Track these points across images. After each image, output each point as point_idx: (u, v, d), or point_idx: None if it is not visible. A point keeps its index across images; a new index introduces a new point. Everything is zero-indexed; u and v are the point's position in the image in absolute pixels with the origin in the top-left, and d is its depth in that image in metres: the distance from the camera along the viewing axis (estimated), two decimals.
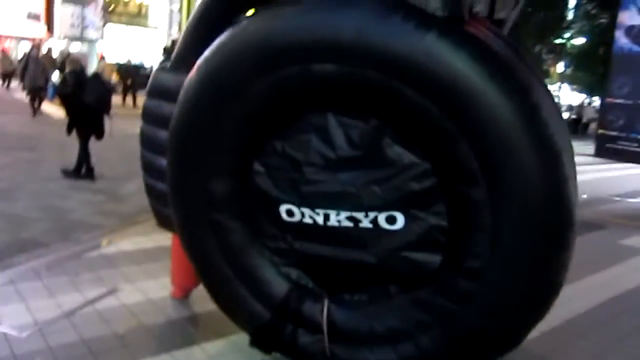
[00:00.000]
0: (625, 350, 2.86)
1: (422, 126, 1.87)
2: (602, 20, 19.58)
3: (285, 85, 2.00)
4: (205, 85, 2.14)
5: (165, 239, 4.07)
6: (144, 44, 28.03)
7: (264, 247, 2.32)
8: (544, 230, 1.81)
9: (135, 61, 18.69)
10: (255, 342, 2.33)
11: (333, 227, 2.12)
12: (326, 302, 2.25)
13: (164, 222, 2.76)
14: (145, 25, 29.91)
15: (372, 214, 2.05)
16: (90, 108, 5.72)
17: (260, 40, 2.00)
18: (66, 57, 9.99)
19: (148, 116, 2.63)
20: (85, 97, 5.65)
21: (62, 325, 2.63)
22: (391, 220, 2.04)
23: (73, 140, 5.98)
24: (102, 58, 18.99)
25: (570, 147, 1.92)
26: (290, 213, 2.18)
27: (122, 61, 16.86)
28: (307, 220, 2.15)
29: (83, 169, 5.98)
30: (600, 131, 12.92)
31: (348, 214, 2.07)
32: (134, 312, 2.82)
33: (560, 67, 25.26)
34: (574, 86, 26.21)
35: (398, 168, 1.98)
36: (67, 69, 5.77)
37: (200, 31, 2.38)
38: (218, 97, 2.11)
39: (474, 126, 1.76)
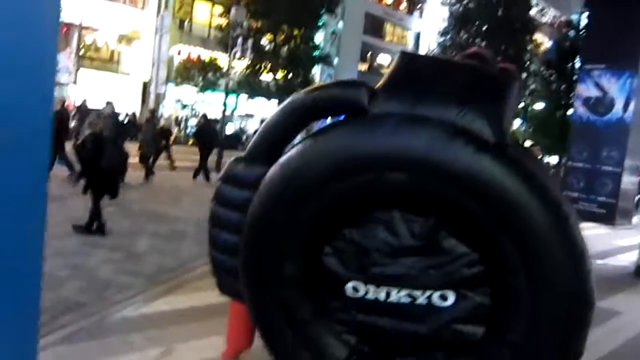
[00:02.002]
0: None
1: (475, 227, 2.35)
2: (559, 87, 21.16)
3: (359, 188, 2.45)
4: (287, 183, 2.56)
5: (194, 299, 4.42)
6: (116, 90, 28.21)
7: (328, 318, 2.72)
8: (572, 312, 2.30)
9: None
10: None
11: (393, 303, 2.54)
12: None
13: (225, 291, 3.13)
14: (116, 71, 30.19)
15: (427, 292, 2.49)
16: (107, 171, 6.04)
17: (340, 149, 2.46)
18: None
19: (220, 199, 3.03)
20: (103, 162, 5.97)
21: None
22: (444, 298, 2.49)
23: (70, 193, 6.20)
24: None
25: None
26: (355, 290, 2.59)
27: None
28: (370, 296, 2.57)
29: (94, 225, 6.25)
30: (563, 192, 13.85)
31: (407, 291, 2.51)
32: None
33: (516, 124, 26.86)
34: (532, 143, 27.82)
35: (452, 257, 2.45)
36: (87, 132, 6.10)
37: (277, 134, 2.84)
38: (297, 194, 2.53)
39: (518, 230, 2.25)
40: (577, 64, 19.42)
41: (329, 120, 2.77)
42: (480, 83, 2.52)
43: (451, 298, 2.54)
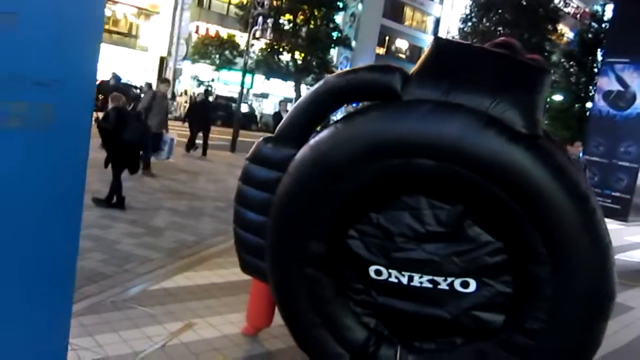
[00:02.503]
0: None
1: (501, 216, 2.37)
2: (579, 79, 20.93)
3: (388, 173, 2.47)
4: (317, 164, 2.59)
5: (214, 276, 4.50)
6: (133, 65, 28.14)
7: (349, 299, 2.77)
8: (594, 303, 2.32)
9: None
10: None
11: (415, 287, 2.58)
12: (399, 348, 2.71)
13: (248, 270, 3.19)
14: (134, 46, 30.12)
15: (449, 279, 2.53)
16: (129, 146, 6.11)
17: (371, 133, 2.47)
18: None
19: (248, 178, 3.07)
20: (125, 135, 6.04)
21: (159, 356, 3.02)
22: (465, 285, 2.52)
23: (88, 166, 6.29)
24: None
25: None
26: (378, 273, 2.64)
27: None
28: (393, 279, 2.61)
29: (114, 198, 6.33)
30: None
31: (430, 277, 2.54)
32: (216, 346, 3.22)
33: None
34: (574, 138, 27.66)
35: (476, 244, 2.48)
36: (110, 105, 6.15)
37: (308, 116, 2.86)
38: (327, 176, 2.56)
39: (545, 221, 2.27)
40: (599, 57, 19.19)
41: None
42: (514, 73, 2.52)
43: (472, 285, 2.57)
